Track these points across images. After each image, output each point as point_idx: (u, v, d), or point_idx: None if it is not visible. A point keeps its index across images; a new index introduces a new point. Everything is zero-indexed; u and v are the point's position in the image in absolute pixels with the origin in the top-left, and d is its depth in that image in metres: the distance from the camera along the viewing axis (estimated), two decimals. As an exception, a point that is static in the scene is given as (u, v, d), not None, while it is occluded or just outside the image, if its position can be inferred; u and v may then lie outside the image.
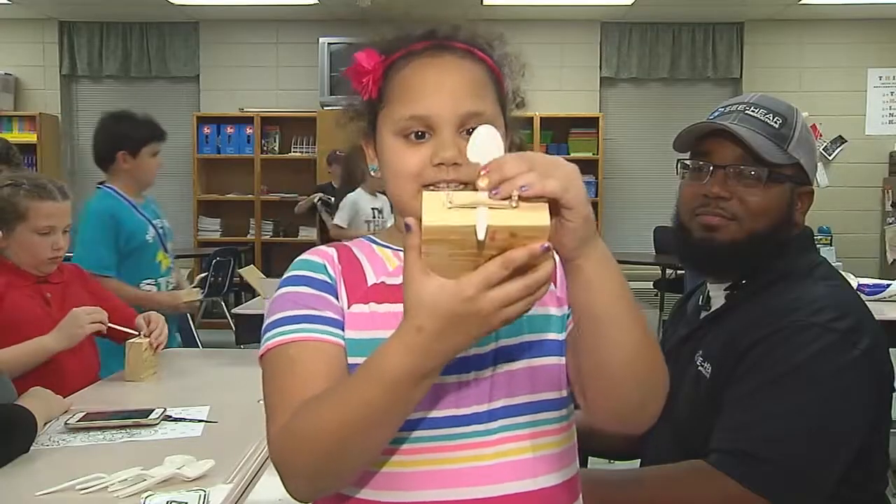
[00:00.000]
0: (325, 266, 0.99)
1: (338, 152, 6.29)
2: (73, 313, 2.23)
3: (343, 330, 0.95)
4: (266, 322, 0.96)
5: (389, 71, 0.99)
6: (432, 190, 0.93)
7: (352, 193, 5.19)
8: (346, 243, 1.05)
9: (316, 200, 6.24)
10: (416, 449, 0.93)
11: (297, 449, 0.86)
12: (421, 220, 0.75)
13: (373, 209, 5.17)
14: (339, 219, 5.12)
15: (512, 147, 1.04)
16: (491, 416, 0.94)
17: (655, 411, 0.93)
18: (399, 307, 0.81)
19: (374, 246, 1.04)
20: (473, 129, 0.92)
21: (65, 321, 2.21)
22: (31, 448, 1.70)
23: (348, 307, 0.97)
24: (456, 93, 0.96)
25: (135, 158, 3.18)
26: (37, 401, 1.86)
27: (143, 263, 3.11)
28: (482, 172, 0.77)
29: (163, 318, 2.49)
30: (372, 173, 1.04)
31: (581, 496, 1.03)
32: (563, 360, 0.98)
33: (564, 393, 0.99)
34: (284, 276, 1.01)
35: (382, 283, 0.98)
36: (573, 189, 0.77)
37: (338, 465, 0.86)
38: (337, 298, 0.97)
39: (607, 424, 0.97)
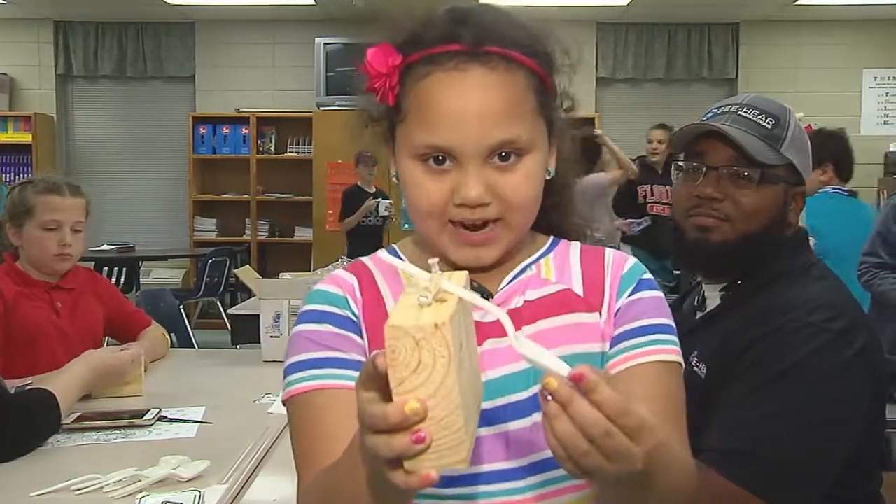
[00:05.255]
0: (346, 300, 0.90)
1: (365, 153, 5.68)
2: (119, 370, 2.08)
3: None
4: (288, 362, 0.88)
5: (407, 77, 0.86)
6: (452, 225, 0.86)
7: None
8: (367, 265, 0.94)
9: (376, 208, 5.73)
10: None
11: None
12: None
13: None
14: None
15: (560, 157, 0.93)
16: (530, 470, 0.86)
17: None
18: None
19: (398, 267, 0.92)
20: (506, 153, 0.84)
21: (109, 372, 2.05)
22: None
23: (369, 351, 0.87)
24: (483, 119, 0.83)
25: None
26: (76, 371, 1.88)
27: None
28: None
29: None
30: (394, 180, 0.92)
31: None
32: None
33: None
34: (303, 309, 0.91)
35: None
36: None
37: None
38: (361, 336, 0.88)
39: None
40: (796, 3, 6.71)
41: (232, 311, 4.09)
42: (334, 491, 0.76)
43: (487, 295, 0.90)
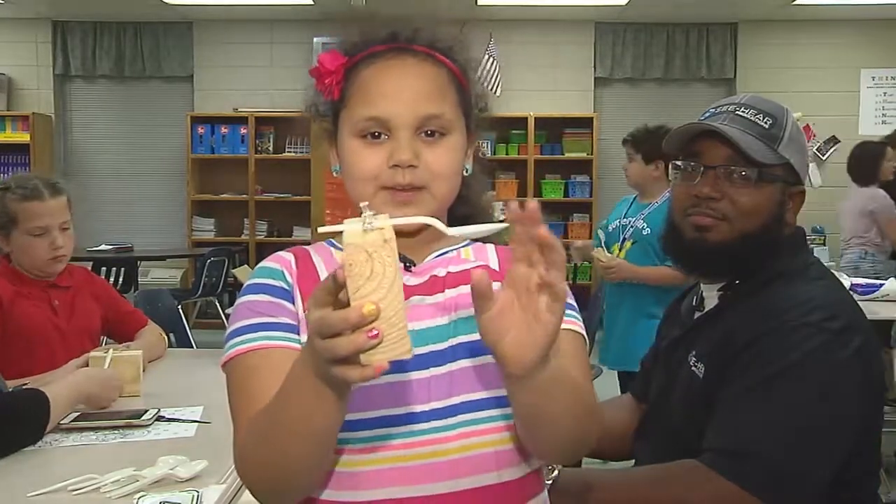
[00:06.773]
0: (282, 272, 1.01)
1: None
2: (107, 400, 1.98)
3: (300, 334, 0.97)
4: (227, 331, 0.99)
5: (351, 73, 1.01)
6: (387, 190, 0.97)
7: None
8: (306, 248, 1.07)
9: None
10: (371, 447, 0.94)
11: (245, 469, 0.92)
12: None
13: None
14: None
15: (475, 159, 1.07)
16: (450, 411, 0.95)
17: (588, 450, 1.04)
18: None
19: (332, 250, 1.06)
20: (433, 131, 0.98)
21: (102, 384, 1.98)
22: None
23: (303, 313, 0.97)
24: (415, 95, 0.97)
25: None
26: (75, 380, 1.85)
27: None
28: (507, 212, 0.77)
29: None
30: (333, 174, 1.05)
31: (546, 488, 1.05)
32: None
33: None
34: (246, 283, 1.03)
35: None
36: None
37: (282, 481, 0.89)
38: (293, 304, 0.99)
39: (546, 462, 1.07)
40: (794, 3, 6.71)
41: (230, 310, 4.08)
42: (271, 426, 0.87)
43: (411, 263, 1.02)
